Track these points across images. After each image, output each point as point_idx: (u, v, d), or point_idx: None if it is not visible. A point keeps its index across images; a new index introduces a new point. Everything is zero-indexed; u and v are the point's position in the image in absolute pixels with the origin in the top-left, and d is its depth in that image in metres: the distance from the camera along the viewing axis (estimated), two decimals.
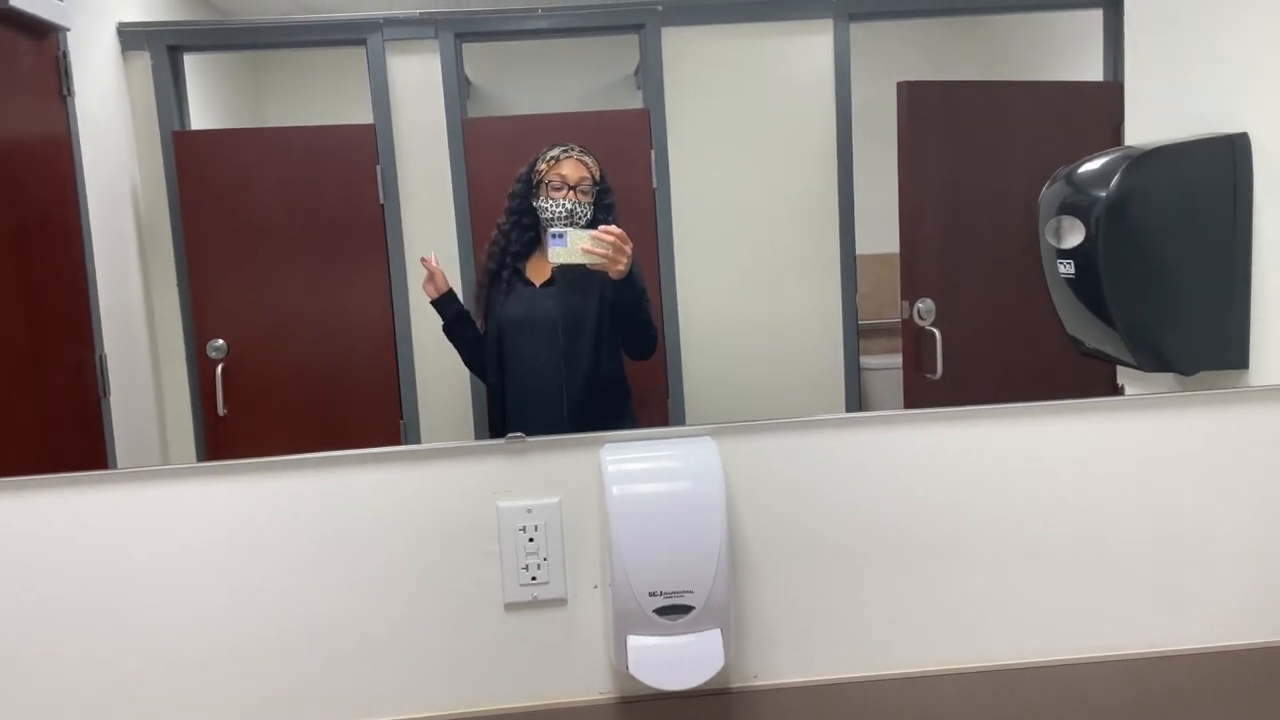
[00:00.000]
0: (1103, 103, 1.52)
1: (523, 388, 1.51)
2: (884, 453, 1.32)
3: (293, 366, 1.49)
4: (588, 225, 1.48)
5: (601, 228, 1.43)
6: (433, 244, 1.49)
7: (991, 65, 1.56)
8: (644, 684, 1.18)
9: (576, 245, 1.42)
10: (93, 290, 1.41)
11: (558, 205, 1.48)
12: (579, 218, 1.48)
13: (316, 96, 1.49)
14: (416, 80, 1.48)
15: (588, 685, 1.32)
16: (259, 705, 1.28)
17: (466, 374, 1.51)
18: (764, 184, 1.54)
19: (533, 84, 1.53)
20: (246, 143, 1.48)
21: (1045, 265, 1.46)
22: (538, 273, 1.51)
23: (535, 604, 1.30)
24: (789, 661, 1.34)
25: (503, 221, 1.50)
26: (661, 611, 1.19)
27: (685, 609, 1.19)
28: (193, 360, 1.46)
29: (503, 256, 1.51)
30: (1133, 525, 1.35)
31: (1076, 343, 1.47)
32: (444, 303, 1.49)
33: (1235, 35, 1.38)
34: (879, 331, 1.55)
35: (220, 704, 1.28)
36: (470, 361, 1.50)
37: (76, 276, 1.40)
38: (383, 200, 1.48)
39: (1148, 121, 1.48)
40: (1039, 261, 1.47)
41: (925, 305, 1.54)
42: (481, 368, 1.51)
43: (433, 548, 1.29)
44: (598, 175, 1.49)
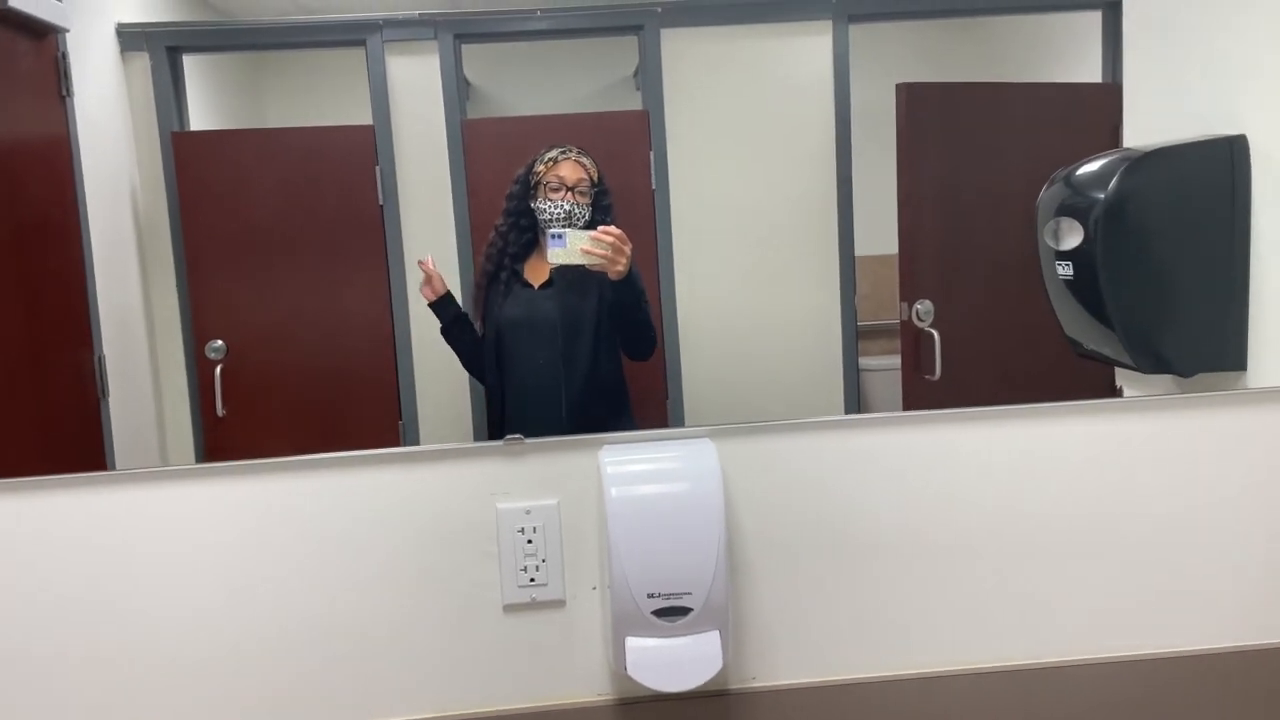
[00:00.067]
0: (1101, 104, 1.52)
1: (521, 389, 1.50)
2: (883, 454, 1.32)
3: (292, 367, 1.49)
4: (586, 226, 1.48)
5: (601, 228, 1.43)
6: (432, 245, 1.49)
7: (990, 67, 1.56)
8: (642, 685, 1.18)
9: (576, 246, 1.42)
10: (92, 291, 1.41)
11: (556, 207, 1.48)
12: (577, 219, 1.48)
13: (316, 97, 1.49)
14: (416, 81, 1.48)
15: (586, 687, 1.32)
16: (257, 706, 1.28)
17: (465, 375, 1.51)
18: (763, 185, 1.54)
19: (532, 85, 1.53)
20: (246, 144, 1.48)
21: (1044, 267, 1.46)
22: (536, 274, 1.51)
23: (534, 605, 1.30)
24: (788, 663, 1.34)
25: (500, 223, 1.50)
26: (660, 613, 1.19)
27: (684, 610, 1.19)
28: (192, 361, 1.46)
29: (500, 258, 1.50)
30: (1132, 527, 1.35)
31: (1075, 344, 1.47)
32: (441, 305, 1.49)
33: (1234, 37, 1.38)
34: (878, 332, 1.55)
35: (219, 704, 1.27)
36: (468, 364, 1.50)
37: (76, 277, 1.40)
38: (382, 201, 1.48)
39: (1146, 123, 1.48)
40: (1037, 263, 1.47)
41: (924, 306, 1.54)
42: (480, 370, 1.50)
43: (431, 549, 1.29)
44: (596, 176, 1.49)
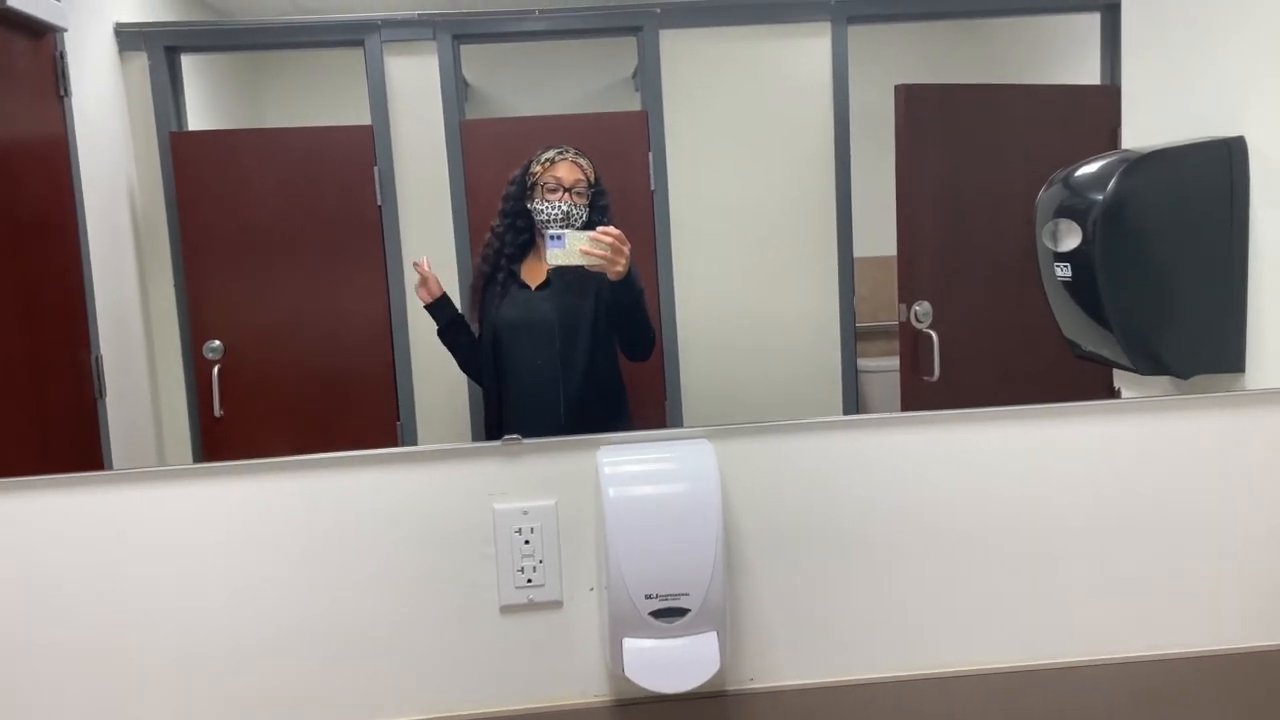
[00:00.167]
0: (1100, 106, 1.52)
1: (519, 391, 1.50)
2: (881, 455, 1.32)
3: (290, 367, 1.49)
4: (584, 227, 1.47)
5: (600, 229, 1.42)
6: (430, 246, 1.49)
7: (989, 68, 1.56)
8: (640, 687, 1.18)
9: (575, 247, 1.42)
10: (89, 291, 1.41)
11: (553, 207, 1.48)
12: (575, 220, 1.48)
13: (314, 97, 1.49)
14: (414, 82, 1.48)
15: (583, 688, 1.32)
16: (254, 706, 1.28)
17: (464, 375, 1.50)
18: (762, 186, 1.54)
19: (531, 86, 1.53)
20: (244, 144, 1.48)
21: (1042, 268, 1.46)
22: (533, 275, 1.51)
23: (531, 606, 1.30)
24: (786, 664, 1.34)
25: (497, 224, 1.50)
26: (657, 614, 1.18)
27: (681, 611, 1.18)
28: (189, 361, 1.46)
29: (497, 259, 1.50)
30: (1131, 528, 1.35)
31: (1073, 346, 1.47)
32: (438, 307, 1.49)
33: (1232, 39, 1.38)
34: (876, 334, 1.55)
35: (216, 704, 1.27)
36: (465, 365, 1.50)
37: (73, 277, 1.40)
38: (380, 201, 1.48)
39: (1145, 125, 1.48)
40: (1036, 264, 1.47)
41: (922, 308, 1.54)
42: (477, 372, 1.50)
43: (428, 550, 1.28)
44: (592, 177, 1.49)
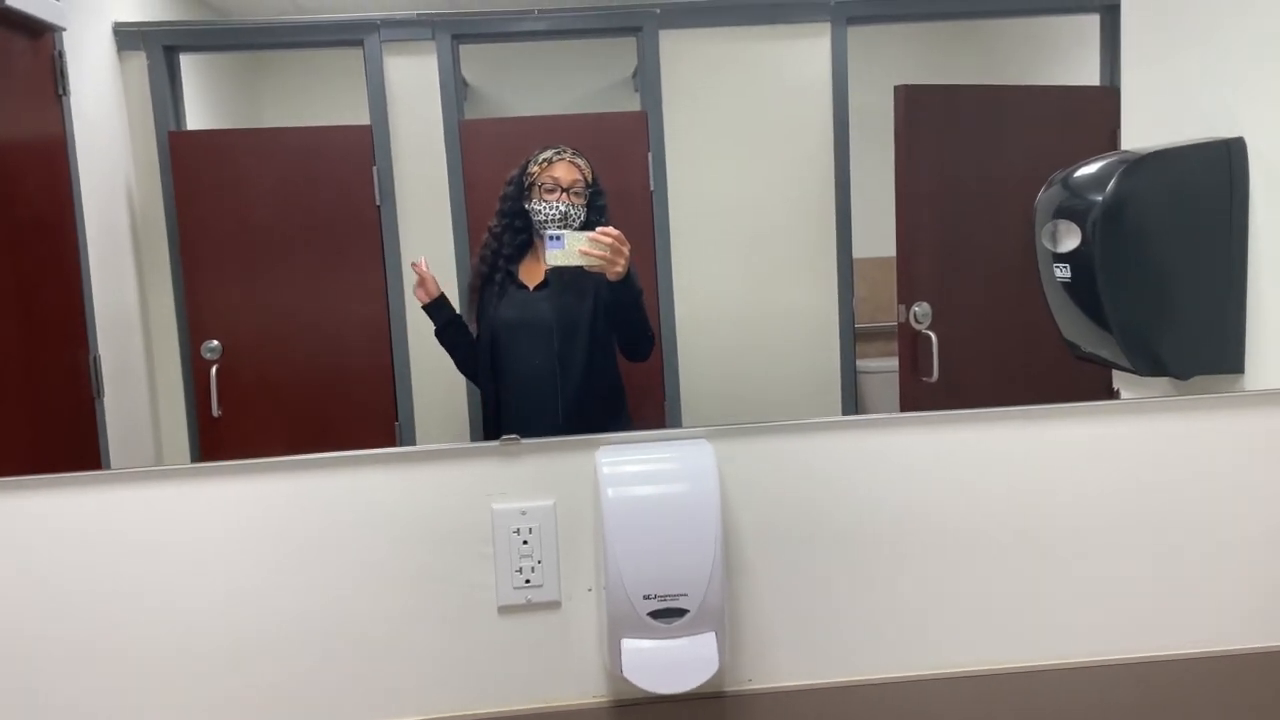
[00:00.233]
0: (1099, 107, 1.52)
1: (517, 391, 1.50)
2: (880, 456, 1.32)
3: (288, 368, 1.49)
4: (581, 227, 1.47)
5: (599, 229, 1.42)
6: (429, 246, 1.48)
7: (988, 69, 1.56)
8: (638, 687, 1.17)
9: (574, 247, 1.41)
10: (87, 291, 1.41)
11: (551, 208, 1.48)
12: (572, 220, 1.48)
13: (313, 97, 1.49)
14: (413, 81, 1.48)
15: (581, 688, 1.32)
16: (251, 706, 1.27)
17: (462, 375, 1.50)
18: (761, 187, 1.54)
19: (530, 86, 1.52)
20: (242, 143, 1.48)
21: (1041, 269, 1.46)
22: (531, 275, 1.50)
23: (529, 607, 1.30)
24: (785, 665, 1.33)
25: (494, 224, 1.50)
26: (656, 614, 1.18)
27: (680, 612, 1.18)
28: (187, 361, 1.46)
29: (495, 260, 1.50)
30: (1130, 529, 1.34)
31: (1072, 347, 1.47)
32: (435, 308, 1.48)
33: (1232, 40, 1.38)
34: (875, 335, 1.55)
35: (213, 704, 1.27)
36: (463, 366, 1.50)
37: (71, 277, 1.40)
38: (379, 201, 1.48)
39: (1144, 126, 1.48)
40: (1035, 265, 1.47)
41: (922, 309, 1.54)
42: (474, 373, 1.50)
43: (426, 550, 1.28)
44: (590, 177, 1.49)
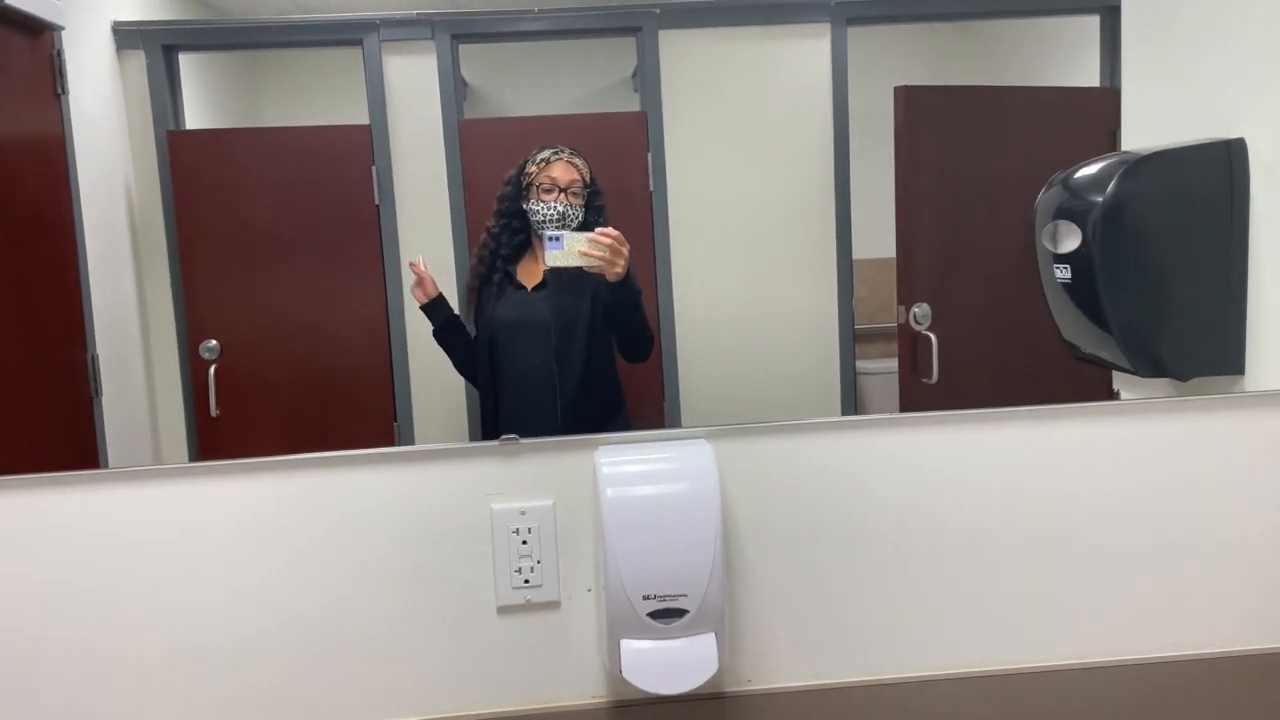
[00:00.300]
0: (1099, 108, 1.52)
1: (515, 392, 1.50)
2: (880, 456, 1.32)
3: (286, 367, 1.49)
4: (580, 228, 1.47)
5: (598, 230, 1.42)
6: (428, 246, 1.48)
7: (989, 70, 1.56)
8: (638, 688, 1.17)
9: (573, 248, 1.41)
10: (86, 290, 1.41)
11: (549, 208, 1.47)
12: (570, 220, 1.48)
13: (312, 97, 1.49)
14: (413, 81, 1.48)
15: (581, 689, 1.31)
16: (250, 705, 1.27)
17: (460, 376, 1.50)
18: (761, 187, 1.54)
19: (530, 86, 1.52)
20: (241, 142, 1.48)
21: (1041, 270, 1.46)
22: (529, 276, 1.50)
23: (528, 607, 1.29)
24: (784, 666, 1.33)
25: (492, 225, 1.49)
26: (656, 615, 1.18)
27: (680, 612, 1.18)
28: (185, 361, 1.46)
29: (493, 260, 1.49)
30: (1129, 530, 1.34)
31: (1072, 348, 1.46)
32: (433, 308, 1.48)
33: (1232, 41, 1.38)
34: (875, 336, 1.55)
35: (211, 704, 1.26)
36: (461, 366, 1.49)
37: (69, 276, 1.40)
38: (378, 201, 1.48)
39: (1145, 127, 1.48)
40: (1035, 266, 1.47)
41: (921, 310, 1.54)
42: (473, 373, 1.49)
43: (425, 550, 1.28)
44: (588, 177, 1.48)
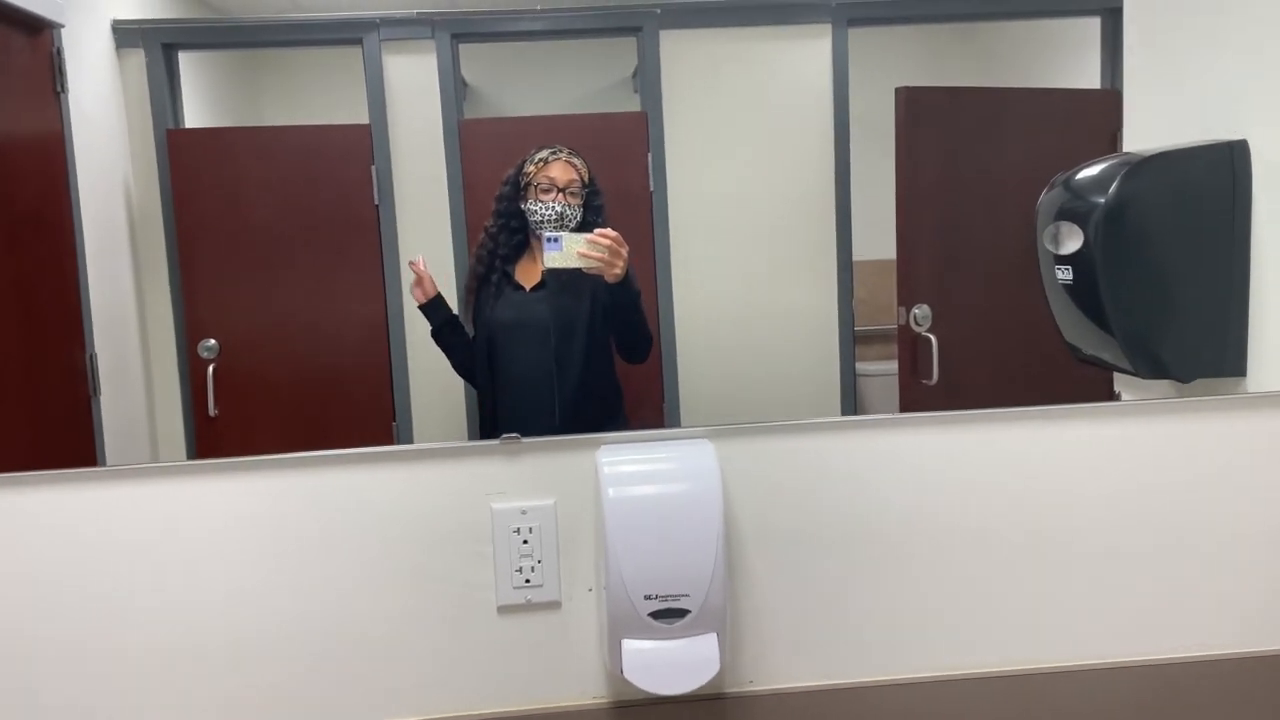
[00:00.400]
0: (1101, 109, 1.53)
1: (514, 392, 1.49)
2: (880, 456, 1.32)
3: (285, 367, 1.48)
4: (578, 228, 1.47)
5: (598, 230, 1.42)
6: (428, 245, 1.48)
7: (990, 71, 1.56)
8: (639, 688, 1.17)
9: (572, 249, 1.41)
10: (84, 289, 1.41)
11: (547, 208, 1.47)
12: (569, 220, 1.47)
13: (312, 96, 1.49)
14: (413, 81, 1.47)
15: (581, 689, 1.31)
16: (249, 705, 1.26)
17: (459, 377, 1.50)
18: (761, 188, 1.54)
19: (530, 86, 1.52)
20: (241, 141, 1.48)
21: (1043, 271, 1.46)
22: (527, 276, 1.50)
23: (529, 607, 1.29)
24: (785, 666, 1.33)
25: (490, 225, 1.49)
26: (657, 615, 1.17)
27: (681, 612, 1.18)
28: (184, 360, 1.45)
29: (491, 260, 1.49)
30: (1131, 531, 1.34)
31: (1074, 349, 1.46)
32: (432, 308, 1.48)
33: (1234, 42, 1.39)
34: (875, 337, 1.55)
35: (209, 703, 1.26)
36: (459, 366, 1.49)
37: (68, 275, 1.39)
38: (378, 201, 1.48)
39: (1146, 128, 1.48)
40: (1036, 267, 1.47)
41: (921, 311, 1.54)
42: (471, 373, 1.49)
43: (425, 549, 1.27)
44: (586, 177, 1.48)
